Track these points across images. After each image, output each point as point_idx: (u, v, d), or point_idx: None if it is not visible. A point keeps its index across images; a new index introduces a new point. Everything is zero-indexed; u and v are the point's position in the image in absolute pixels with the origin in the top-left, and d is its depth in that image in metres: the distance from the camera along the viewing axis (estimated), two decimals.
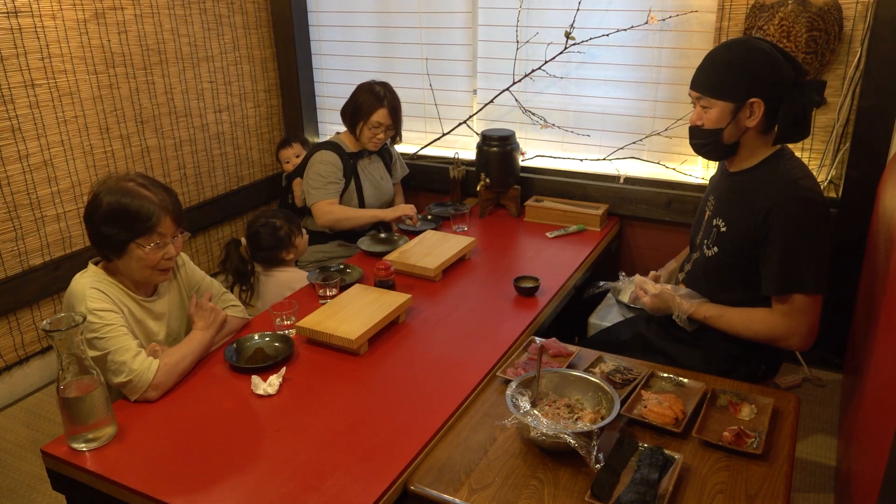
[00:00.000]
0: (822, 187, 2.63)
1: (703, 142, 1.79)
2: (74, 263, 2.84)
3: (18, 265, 2.68)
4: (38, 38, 2.62)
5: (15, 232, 2.65)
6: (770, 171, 1.74)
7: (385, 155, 3.01)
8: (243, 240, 2.47)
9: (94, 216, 1.72)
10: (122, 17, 2.90)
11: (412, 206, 2.81)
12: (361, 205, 2.88)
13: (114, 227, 1.70)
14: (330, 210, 2.74)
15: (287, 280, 2.45)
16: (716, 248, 1.82)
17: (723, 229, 1.80)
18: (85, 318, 1.57)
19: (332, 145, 2.83)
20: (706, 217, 1.91)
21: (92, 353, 1.67)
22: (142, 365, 1.69)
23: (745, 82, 1.69)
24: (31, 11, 2.58)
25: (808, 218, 1.65)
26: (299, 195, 2.95)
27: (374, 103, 2.75)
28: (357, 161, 2.87)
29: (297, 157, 3.27)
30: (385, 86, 2.81)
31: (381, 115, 2.75)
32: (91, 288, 1.70)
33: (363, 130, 2.79)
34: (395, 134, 2.88)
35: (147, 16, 3.00)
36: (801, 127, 1.71)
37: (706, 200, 1.94)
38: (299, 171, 3.03)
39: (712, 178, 1.99)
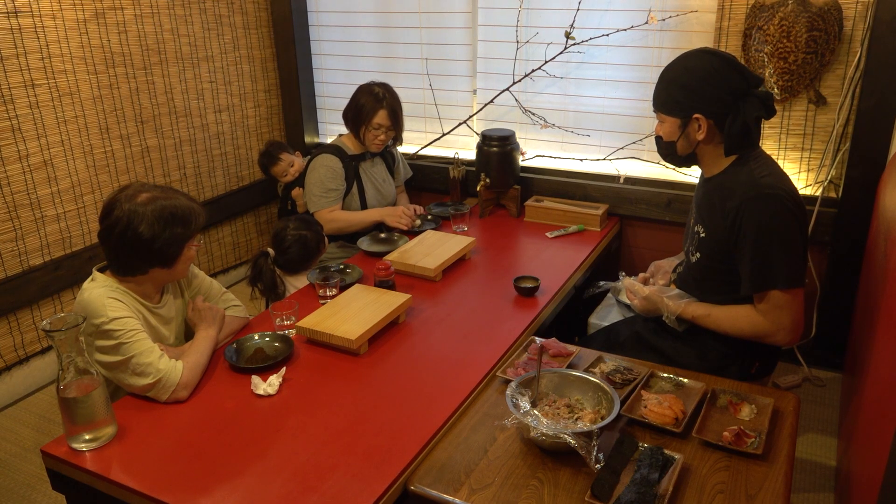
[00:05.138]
0: (809, 184, 2.64)
1: (664, 152, 1.88)
2: (74, 263, 2.84)
3: (18, 265, 2.68)
4: (38, 38, 2.62)
5: (15, 232, 2.65)
6: (736, 173, 1.77)
7: (387, 157, 3.01)
8: (270, 251, 2.41)
9: (140, 234, 1.69)
10: (122, 17, 2.90)
11: (409, 210, 2.79)
12: (364, 208, 2.88)
13: (172, 229, 1.73)
14: (332, 218, 2.75)
15: (305, 281, 2.44)
16: (698, 254, 1.85)
17: (702, 235, 1.83)
18: (85, 319, 1.56)
19: (333, 148, 2.83)
20: (691, 224, 1.94)
21: (112, 359, 1.68)
22: (167, 365, 1.70)
23: (686, 99, 1.75)
24: (31, 11, 2.58)
25: (773, 215, 1.67)
26: (302, 205, 2.94)
27: (374, 105, 2.74)
28: (359, 163, 2.87)
29: (292, 165, 3.14)
30: (384, 87, 2.81)
31: (381, 117, 2.75)
32: (108, 297, 1.70)
33: (366, 133, 2.79)
34: (396, 135, 2.87)
35: (147, 16, 3.00)
36: (749, 138, 1.74)
37: (692, 208, 1.97)
38: (299, 180, 3.02)
39: (696, 186, 2.01)
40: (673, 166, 2.12)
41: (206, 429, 1.62)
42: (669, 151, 1.85)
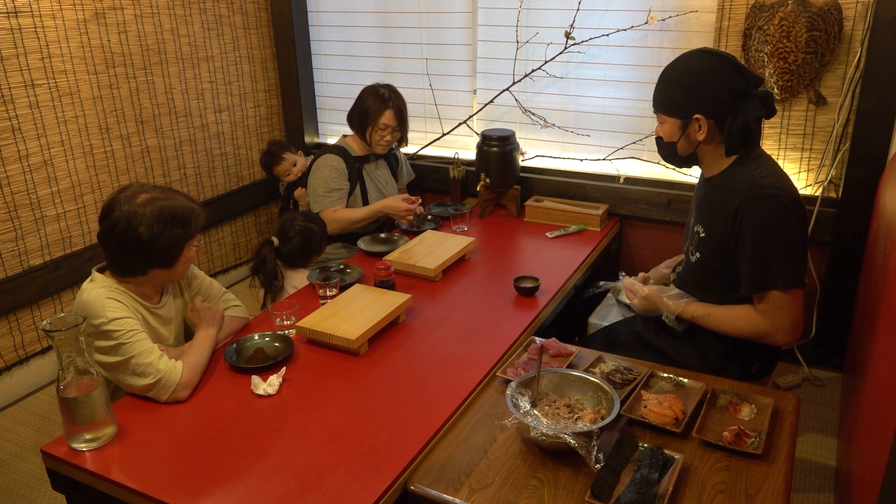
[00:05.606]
0: (809, 184, 2.64)
1: (665, 152, 1.88)
2: (74, 263, 2.84)
3: (18, 265, 2.68)
4: (38, 38, 2.62)
5: (15, 232, 2.65)
6: (736, 173, 1.77)
7: (391, 160, 3.01)
8: (275, 239, 2.42)
9: (139, 235, 1.69)
10: (122, 17, 2.90)
11: (409, 200, 2.75)
12: None
13: (171, 230, 1.72)
14: (335, 217, 2.75)
15: (303, 280, 2.45)
16: (698, 254, 1.85)
17: (702, 235, 1.83)
18: (85, 319, 1.56)
19: (337, 149, 2.83)
20: (690, 224, 1.94)
21: (111, 360, 1.68)
22: (167, 365, 1.70)
23: (686, 100, 1.75)
24: (31, 11, 2.58)
25: (773, 215, 1.67)
26: (304, 205, 2.94)
27: (380, 106, 2.75)
28: (363, 165, 2.87)
29: (295, 164, 3.17)
30: (390, 88, 2.82)
31: (387, 117, 2.76)
32: (107, 298, 1.70)
33: (372, 134, 2.79)
34: (402, 136, 2.88)
35: (147, 16, 3.00)
36: (750, 138, 1.74)
37: (691, 208, 1.97)
38: (301, 180, 3.02)
39: (696, 186, 2.01)
40: (673, 166, 2.12)
41: (207, 429, 1.62)
42: (670, 152, 1.86)
